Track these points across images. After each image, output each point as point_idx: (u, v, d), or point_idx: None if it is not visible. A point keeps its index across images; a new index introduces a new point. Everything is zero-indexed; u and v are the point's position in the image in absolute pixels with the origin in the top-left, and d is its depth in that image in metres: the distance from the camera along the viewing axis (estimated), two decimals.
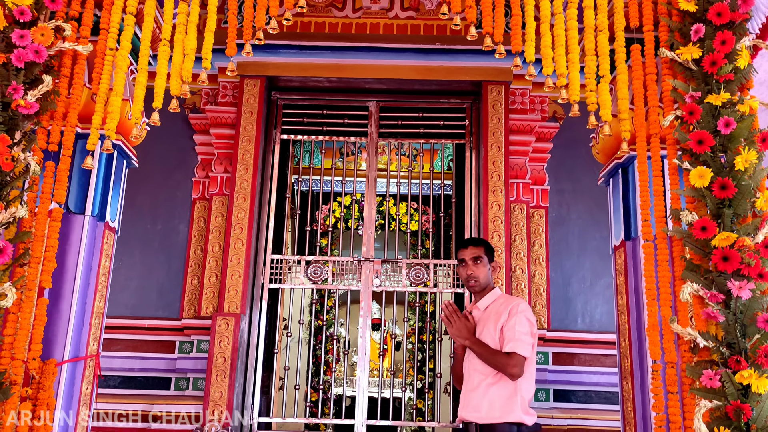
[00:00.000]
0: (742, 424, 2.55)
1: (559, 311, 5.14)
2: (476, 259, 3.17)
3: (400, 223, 8.23)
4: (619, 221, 3.71)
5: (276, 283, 5.03)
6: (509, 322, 2.98)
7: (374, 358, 7.88)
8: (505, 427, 2.93)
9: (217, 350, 4.54)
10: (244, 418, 4.64)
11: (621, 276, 3.69)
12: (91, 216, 3.45)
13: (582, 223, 5.34)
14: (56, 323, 3.25)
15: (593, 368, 4.97)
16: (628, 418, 3.53)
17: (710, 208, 2.83)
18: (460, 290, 4.99)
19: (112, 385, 4.88)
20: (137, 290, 5.15)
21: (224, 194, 5.18)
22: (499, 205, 4.91)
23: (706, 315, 2.71)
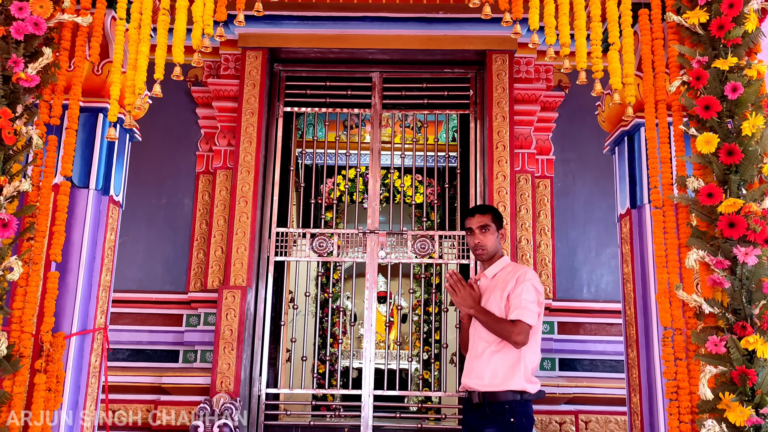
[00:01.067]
0: (747, 389, 2.56)
1: (565, 281, 5.14)
2: (483, 227, 3.12)
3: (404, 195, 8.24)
4: (625, 189, 3.69)
5: (281, 256, 5.04)
6: (516, 289, 2.95)
7: (380, 330, 7.93)
8: (507, 395, 2.93)
9: (224, 323, 4.56)
10: (252, 389, 4.68)
11: (627, 244, 3.68)
12: (95, 190, 3.45)
13: (587, 192, 5.32)
14: (63, 297, 3.26)
15: (598, 337, 4.99)
16: (633, 384, 3.56)
17: (717, 174, 2.81)
18: (466, 261, 4.99)
19: (121, 359, 4.93)
20: (143, 264, 5.17)
21: (228, 168, 5.17)
22: (504, 175, 4.89)
23: (712, 281, 2.70)
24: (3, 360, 2.75)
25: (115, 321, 4.76)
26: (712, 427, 2.59)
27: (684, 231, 2.93)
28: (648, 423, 3.36)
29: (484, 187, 4.98)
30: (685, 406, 2.80)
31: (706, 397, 2.64)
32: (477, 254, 3.17)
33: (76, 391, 3.31)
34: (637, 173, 3.57)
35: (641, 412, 3.43)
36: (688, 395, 2.81)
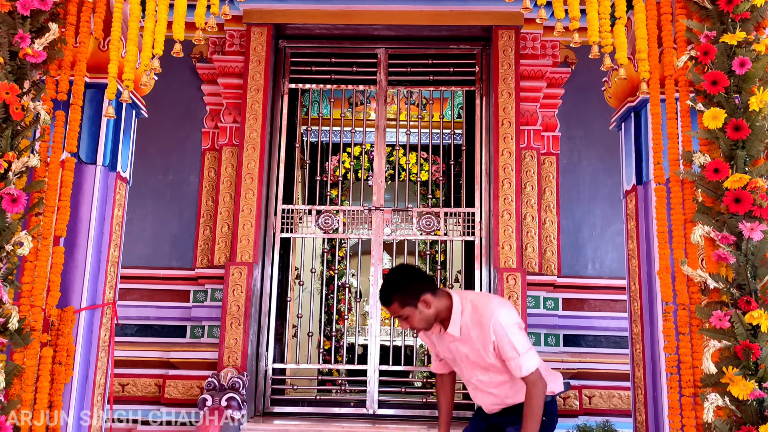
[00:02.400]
0: (751, 363, 2.58)
1: (570, 258, 5.15)
2: (399, 317, 2.73)
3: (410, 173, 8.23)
4: (631, 166, 3.69)
5: (287, 232, 5.07)
6: (500, 341, 2.69)
7: None
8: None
9: (231, 299, 4.60)
10: (259, 364, 4.73)
11: (632, 220, 3.69)
12: (102, 166, 3.47)
13: (593, 169, 5.31)
14: (72, 272, 3.30)
15: (603, 313, 5.02)
16: (637, 359, 3.58)
17: (723, 149, 2.81)
18: (470, 238, 5.01)
19: (129, 334, 4.98)
20: (151, 241, 5.21)
21: (234, 144, 5.17)
22: (510, 152, 4.88)
23: (717, 257, 2.71)
24: (14, 334, 2.78)
25: (123, 297, 4.79)
26: (715, 401, 2.62)
27: (689, 207, 2.94)
28: (651, 397, 3.39)
29: (490, 164, 4.98)
30: (687, 380, 2.83)
31: (709, 371, 2.66)
32: (418, 331, 2.83)
33: (86, 364, 3.35)
34: (644, 149, 3.56)
35: (644, 387, 3.46)
36: (691, 369, 2.84)
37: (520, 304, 4.55)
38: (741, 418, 2.58)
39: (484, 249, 4.93)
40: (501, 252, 4.73)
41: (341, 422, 4.47)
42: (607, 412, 4.60)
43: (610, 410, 4.72)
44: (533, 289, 4.93)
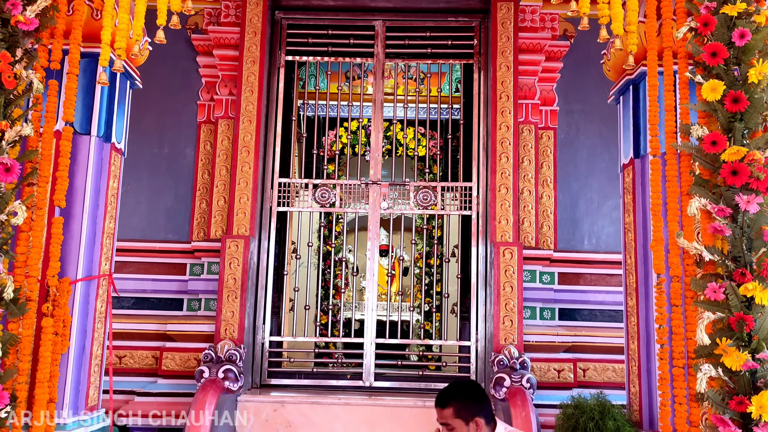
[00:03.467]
0: (744, 335, 2.60)
1: (566, 232, 5.16)
2: (444, 425, 2.54)
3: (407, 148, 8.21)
4: (629, 139, 3.68)
5: (284, 206, 5.05)
6: None
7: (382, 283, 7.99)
8: None
9: (228, 272, 4.60)
10: (255, 337, 4.75)
11: (629, 194, 3.69)
12: (97, 137, 3.44)
13: (591, 144, 5.29)
14: (68, 243, 3.29)
15: (598, 288, 5.03)
16: (631, 332, 3.61)
17: (721, 122, 2.80)
18: (467, 212, 5.00)
19: (126, 306, 4.99)
20: (146, 214, 5.19)
21: (230, 117, 5.14)
22: (508, 126, 4.85)
23: (713, 229, 2.72)
24: (10, 303, 2.79)
25: (120, 270, 4.80)
26: (708, 372, 2.64)
27: (686, 179, 2.93)
28: (645, 369, 3.42)
29: (487, 138, 4.95)
30: (680, 352, 2.85)
31: (703, 342, 2.68)
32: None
33: (83, 335, 3.36)
34: (641, 122, 3.55)
35: (638, 359, 3.49)
36: (684, 341, 2.86)
37: (516, 278, 4.56)
38: (733, 389, 2.60)
39: (481, 223, 4.93)
40: (498, 226, 4.72)
41: (338, 394, 4.50)
42: (601, 384, 4.64)
43: (604, 383, 4.76)
44: (529, 264, 4.94)
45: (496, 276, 4.58)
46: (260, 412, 4.29)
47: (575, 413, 3.48)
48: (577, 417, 3.43)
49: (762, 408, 2.48)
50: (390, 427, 4.26)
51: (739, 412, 2.55)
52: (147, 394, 4.72)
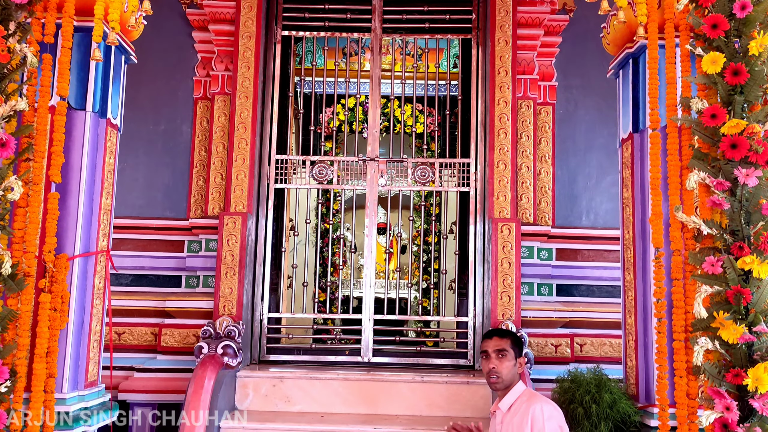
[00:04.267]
0: (742, 308, 2.61)
1: (564, 208, 5.16)
2: (500, 351, 2.90)
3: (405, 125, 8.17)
4: (628, 113, 3.66)
5: (281, 183, 5.03)
6: (534, 427, 2.71)
7: (380, 261, 8.01)
8: None
9: (226, 248, 4.60)
10: (254, 313, 4.76)
11: (627, 169, 3.68)
12: (92, 112, 3.42)
13: (589, 119, 5.27)
14: (65, 219, 3.28)
15: (596, 263, 5.05)
16: (628, 306, 3.62)
17: (721, 95, 2.78)
18: (465, 189, 4.99)
19: (124, 283, 5.00)
20: (143, 191, 5.18)
21: (226, 93, 5.10)
22: (506, 101, 4.83)
23: (712, 203, 2.71)
24: (8, 279, 2.79)
25: (117, 247, 4.79)
26: (705, 345, 2.65)
27: (686, 153, 2.93)
28: (642, 343, 3.44)
29: (486, 114, 4.93)
30: (679, 325, 2.86)
31: (700, 315, 2.69)
32: (491, 382, 2.92)
33: (82, 311, 3.36)
34: (641, 96, 3.53)
35: (635, 333, 3.51)
36: (684, 315, 2.87)
37: (514, 254, 4.57)
38: (730, 362, 2.62)
39: (479, 200, 4.92)
40: (496, 202, 4.72)
41: (336, 370, 4.52)
42: (598, 359, 4.67)
43: (601, 357, 4.79)
44: (527, 240, 4.94)
45: (494, 252, 4.59)
46: (259, 387, 4.31)
47: (572, 387, 3.50)
48: (574, 390, 3.46)
49: (758, 380, 2.49)
50: (388, 401, 4.30)
51: (736, 385, 2.57)
52: (146, 370, 4.75)
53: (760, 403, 2.50)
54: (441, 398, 4.27)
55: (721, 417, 2.54)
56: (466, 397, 4.22)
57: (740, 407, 2.54)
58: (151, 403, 4.68)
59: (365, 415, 4.23)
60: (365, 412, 4.26)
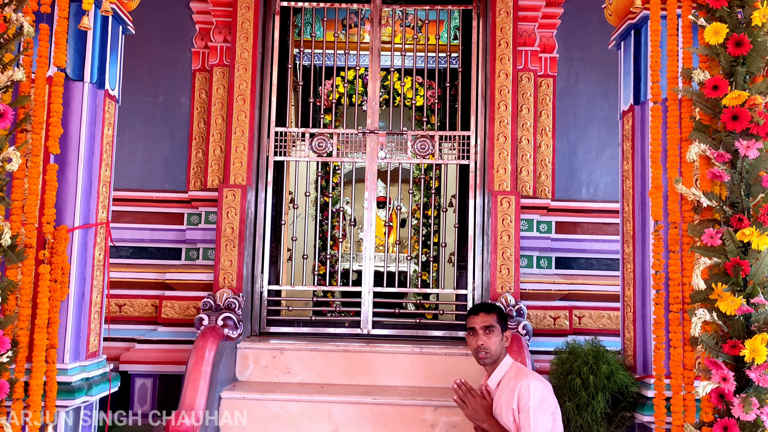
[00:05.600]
0: (740, 280, 2.62)
1: (564, 181, 5.15)
2: (487, 328, 2.91)
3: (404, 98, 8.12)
4: (629, 85, 3.64)
5: (280, 156, 5.02)
6: (522, 408, 2.72)
7: (380, 235, 8.02)
8: None
9: (225, 221, 4.60)
10: (254, 285, 4.78)
11: (628, 141, 3.67)
12: (90, 83, 3.39)
13: (590, 92, 5.24)
14: (64, 191, 3.28)
15: (595, 236, 5.05)
16: (627, 279, 3.63)
17: (723, 66, 2.76)
18: (465, 162, 4.98)
19: (125, 256, 5.01)
20: (142, 163, 5.16)
21: (225, 65, 5.06)
22: (507, 73, 4.79)
23: (712, 175, 2.71)
24: (8, 250, 2.79)
25: (117, 219, 4.79)
26: (703, 316, 2.66)
27: (686, 126, 2.91)
28: (640, 315, 3.46)
29: (486, 87, 4.89)
30: (675, 297, 2.87)
31: (698, 287, 2.70)
32: (479, 358, 2.94)
33: (82, 283, 3.37)
34: (642, 68, 3.50)
35: (634, 305, 3.52)
36: (680, 286, 2.88)
37: (514, 227, 4.57)
38: (727, 333, 2.63)
39: (478, 173, 4.91)
40: (495, 175, 4.71)
41: (336, 341, 4.55)
42: (596, 331, 4.69)
43: (599, 330, 4.82)
44: (527, 213, 4.94)
45: (493, 225, 4.59)
46: (259, 358, 4.35)
47: (570, 358, 3.53)
48: (572, 361, 3.48)
49: (755, 351, 2.51)
50: (387, 373, 4.33)
51: (733, 356, 2.59)
52: (147, 342, 4.79)
53: (756, 373, 2.52)
54: (440, 370, 4.31)
55: (717, 387, 2.57)
56: (464, 369, 4.25)
57: (737, 378, 2.56)
58: (152, 374, 4.73)
59: (365, 386, 4.27)
60: (365, 383, 4.30)
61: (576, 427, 3.35)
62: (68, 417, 3.26)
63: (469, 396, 2.88)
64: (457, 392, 2.90)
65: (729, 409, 2.54)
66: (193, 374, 3.74)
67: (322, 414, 3.94)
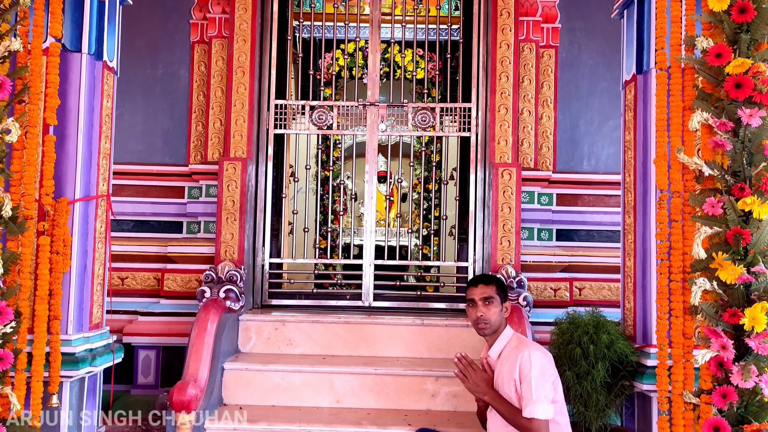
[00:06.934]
0: (741, 249, 2.61)
1: (565, 153, 5.13)
2: (487, 299, 2.92)
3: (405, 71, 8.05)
4: (632, 54, 3.61)
5: (281, 128, 4.99)
6: (524, 378, 2.74)
7: (381, 209, 8.01)
8: None
9: (226, 194, 4.60)
10: (255, 258, 4.79)
11: (630, 111, 3.65)
12: (88, 54, 3.37)
13: (592, 63, 5.19)
14: (64, 163, 3.28)
15: (596, 208, 5.05)
16: (628, 249, 3.64)
17: (727, 33, 2.72)
18: (466, 134, 4.95)
19: (126, 229, 5.02)
20: (142, 136, 5.15)
21: (224, 36, 5.01)
22: (508, 44, 4.74)
23: (714, 143, 2.69)
24: (9, 222, 2.79)
25: (118, 193, 4.79)
26: (703, 285, 2.66)
27: (689, 94, 2.89)
28: (640, 285, 3.47)
29: (487, 57, 4.85)
30: (677, 266, 2.87)
31: (699, 256, 2.70)
32: (479, 328, 2.95)
33: (84, 255, 3.38)
34: (645, 36, 3.47)
35: (634, 275, 3.53)
36: (682, 256, 2.88)
37: (515, 199, 4.56)
38: (727, 302, 2.63)
39: (480, 145, 4.89)
40: (497, 147, 4.69)
41: (337, 313, 4.58)
42: (596, 302, 4.70)
43: (599, 301, 4.84)
44: (528, 185, 4.93)
45: (494, 197, 4.59)
46: (262, 330, 4.37)
47: (570, 328, 3.54)
48: (572, 331, 3.50)
49: (755, 319, 2.51)
50: (389, 344, 4.36)
51: (732, 324, 2.59)
52: (150, 314, 4.82)
53: (755, 342, 2.52)
54: (441, 341, 4.33)
55: (716, 356, 2.57)
56: (465, 340, 4.28)
57: (736, 346, 2.56)
58: (155, 346, 4.76)
59: (366, 357, 4.30)
60: (366, 355, 4.33)
61: (575, 395, 3.38)
62: (73, 387, 3.29)
63: (469, 369, 2.91)
64: (457, 366, 2.93)
65: (728, 377, 2.55)
66: (196, 346, 3.77)
67: (325, 384, 3.97)
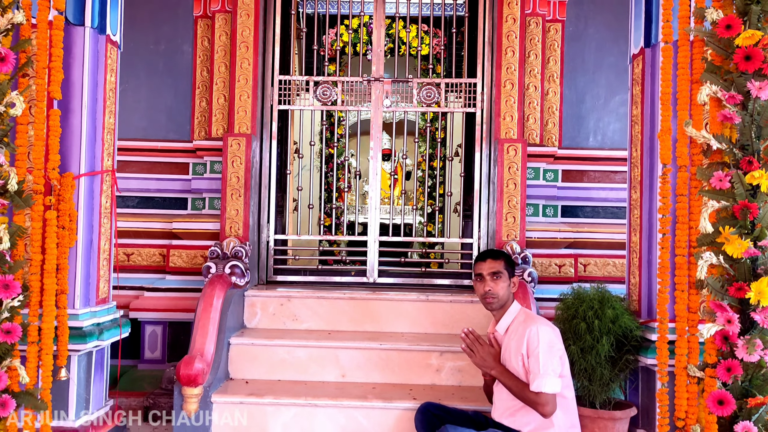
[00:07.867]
0: (748, 223, 2.60)
1: (571, 129, 5.10)
2: (495, 274, 2.96)
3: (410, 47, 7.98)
4: (640, 27, 3.57)
5: (285, 104, 4.97)
6: (531, 353, 2.76)
7: (385, 187, 8.00)
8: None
9: (231, 170, 4.59)
10: (260, 235, 4.80)
11: (637, 85, 3.62)
12: (91, 28, 3.34)
13: (599, 37, 5.14)
14: (69, 138, 3.27)
15: (602, 184, 5.04)
16: (634, 225, 3.63)
17: (737, 5, 2.69)
18: (472, 110, 4.92)
19: (131, 206, 5.03)
20: (146, 112, 5.13)
21: (227, 11, 4.97)
22: (514, 18, 4.69)
23: (722, 117, 2.67)
24: (15, 196, 2.79)
25: (123, 169, 4.79)
26: (710, 259, 2.66)
27: (698, 67, 2.86)
28: (646, 260, 3.46)
29: (493, 32, 4.80)
30: (683, 240, 2.87)
31: (706, 230, 2.69)
32: (486, 302, 2.98)
33: (90, 230, 3.39)
34: (654, 9, 3.43)
35: (640, 251, 3.53)
36: (687, 230, 2.87)
37: (520, 175, 4.55)
38: (733, 276, 2.63)
39: (485, 120, 4.86)
40: (502, 123, 4.67)
41: (342, 290, 4.59)
42: (601, 278, 4.72)
43: (604, 277, 4.85)
44: (533, 161, 4.91)
45: (499, 173, 4.57)
46: (267, 306, 4.39)
47: (575, 303, 3.54)
48: (577, 306, 3.50)
49: (761, 293, 2.51)
50: (394, 320, 4.38)
51: (738, 298, 2.59)
52: (156, 290, 4.84)
53: (761, 316, 2.52)
54: (446, 316, 4.35)
55: (721, 330, 2.58)
56: (470, 316, 4.29)
57: (741, 320, 2.57)
58: (161, 321, 4.80)
59: (371, 332, 4.32)
60: (371, 330, 4.35)
61: (580, 369, 3.39)
62: (81, 361, 3.32)
63: (476, 344, 2.94)
64: (465, 341, 2.96)
65: (733, 350, 2.56)
66: (202, 320, 3.79)
67: (330, 359, 4.00)
